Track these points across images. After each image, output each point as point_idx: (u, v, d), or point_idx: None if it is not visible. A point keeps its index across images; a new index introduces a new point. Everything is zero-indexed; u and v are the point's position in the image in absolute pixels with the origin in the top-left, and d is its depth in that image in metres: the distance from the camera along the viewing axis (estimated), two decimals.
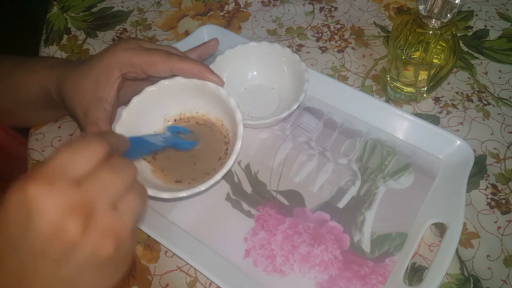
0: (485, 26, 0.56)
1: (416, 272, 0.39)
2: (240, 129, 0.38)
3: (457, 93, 0.50)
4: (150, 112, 0.42)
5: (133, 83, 0.42)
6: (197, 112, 0.44)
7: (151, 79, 0.40)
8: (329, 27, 0.58)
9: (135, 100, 0.40)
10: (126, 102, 0.41)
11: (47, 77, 0.41)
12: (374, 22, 0.58)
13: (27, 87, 0.43)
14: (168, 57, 0.37)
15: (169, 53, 0.38)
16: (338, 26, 0.58)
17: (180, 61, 0.37)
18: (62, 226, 0.20)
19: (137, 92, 0.40)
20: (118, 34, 0.59)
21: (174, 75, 0.39)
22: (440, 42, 0.42)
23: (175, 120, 0.44)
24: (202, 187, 0.36)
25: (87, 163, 0.23)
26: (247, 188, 0.44)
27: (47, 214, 0.20)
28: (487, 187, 0.44)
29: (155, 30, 0.59)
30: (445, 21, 0.39)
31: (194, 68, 0.38)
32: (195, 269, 0.40)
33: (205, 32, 0.54)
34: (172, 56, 0.38)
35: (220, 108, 0.42)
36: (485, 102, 0.49)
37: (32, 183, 0.20)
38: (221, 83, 0.39)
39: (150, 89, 0.40)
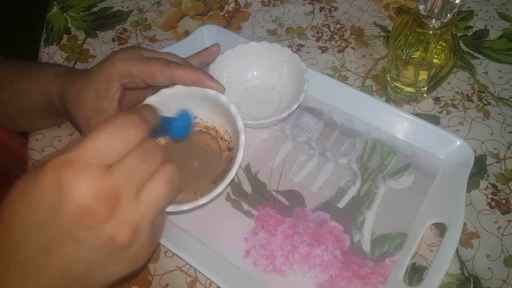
0: (485, 26, 0.56)
1: (416, 272, 0.39)
2: (242, 138, 0.37)
3: (457, 93, 0.50)
4: None
5: (135, 91, 0.41)
6: (201, 119, 0.43)
7: (153, 87, 0.40)
8: (329, 27, 0.58)
9: None
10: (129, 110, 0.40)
11: (50, 87, 0.41)
12: (374, 22, 0.58)
13: (30, 95, 0.43)
14: (166, 66, 0.37)
15: (167, 61, 0.37)
16: (338, 26, 0.58)
17: (178, 69, 0.37)
18: (89, 210, 0.22)
19: (140, 99, 0.40)
20: (118, 34, 0.59)
21: (174, 84, 0.39)
22: (440, 42, 0.42)
23: None
24: (204, 200, 0.36)
25: (122, 150, 0.24)
26: (247, 188, 0.44)
27: (76, 199, 0.22)
28: (487, 187, 0.44)
29: (155, 30, 0.59)
30: (445, 21, 0.39)
31: (193, 76, 0.37)
32: (195, 269, 0.40)
33: (205, 32, 0.54)
34: (170, 64, 0.37)
35: (222, 115, 0.41)
36: (485, 102, 0.49)
37: (65, 168, 0.22)
38: (221, 89, 0.38)
39: (152, 99, 0.40)
